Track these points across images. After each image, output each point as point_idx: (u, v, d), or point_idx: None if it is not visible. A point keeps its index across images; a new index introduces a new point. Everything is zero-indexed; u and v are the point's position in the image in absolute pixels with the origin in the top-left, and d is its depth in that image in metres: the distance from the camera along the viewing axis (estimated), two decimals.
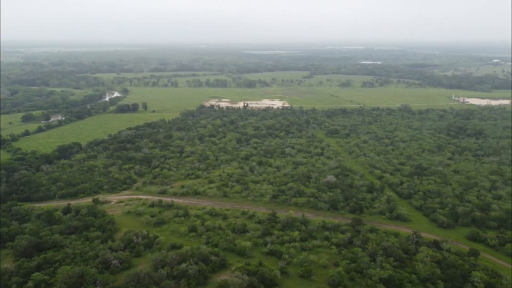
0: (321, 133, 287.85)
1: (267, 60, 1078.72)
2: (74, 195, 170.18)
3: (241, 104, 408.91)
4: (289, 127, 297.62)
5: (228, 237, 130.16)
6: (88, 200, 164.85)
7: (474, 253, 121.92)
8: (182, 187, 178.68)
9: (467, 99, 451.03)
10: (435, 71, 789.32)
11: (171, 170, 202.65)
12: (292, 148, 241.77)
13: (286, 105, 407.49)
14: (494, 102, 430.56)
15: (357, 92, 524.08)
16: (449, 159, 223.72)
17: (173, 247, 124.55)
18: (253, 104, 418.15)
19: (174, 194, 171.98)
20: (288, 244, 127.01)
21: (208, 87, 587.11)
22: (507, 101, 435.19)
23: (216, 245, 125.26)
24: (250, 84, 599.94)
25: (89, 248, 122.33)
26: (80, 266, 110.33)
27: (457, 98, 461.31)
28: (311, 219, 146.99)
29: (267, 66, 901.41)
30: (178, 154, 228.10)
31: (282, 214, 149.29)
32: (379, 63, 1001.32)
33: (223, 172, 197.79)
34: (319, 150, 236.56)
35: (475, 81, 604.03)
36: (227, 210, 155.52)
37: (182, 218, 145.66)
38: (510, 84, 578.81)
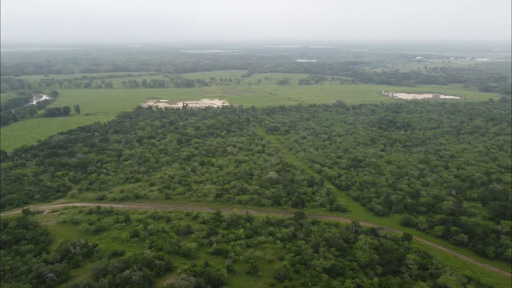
0: (261, 131, 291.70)
1: (205, 60, 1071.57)
2: (0, 207, 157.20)
3: (180, 105, 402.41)
4: (230, 126, 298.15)
5: (172, 239, 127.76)
6: (17, 212, 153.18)
7: (408, 237, 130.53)
8: (122, 191, 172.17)
9: (395, 94, 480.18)
10: (366, 68, 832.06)
11: (108, 174, 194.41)
12: (234, 146, 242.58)
13: (226, 104, 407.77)
14: (419, 96, 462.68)
15: (294, 89, 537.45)
16: (382, 150, 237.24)
17: (115, 254, 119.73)
18: (192, 104, 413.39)
19: (114, 200, 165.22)
20: (233, 242, 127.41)
21: (145, 88, 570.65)
22: (430, 95, 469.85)
23: (160, 249, 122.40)
24: (189, 84, 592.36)
25: (20, 263, 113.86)
26: (11, 283, 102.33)
27: (386, 93, 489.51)
28: (255, 215, 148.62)
29: (205, 65, 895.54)
30: (116, 158, 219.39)
31: (227, 212, 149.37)
32: (314, 61, 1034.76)
33: (165, 174, 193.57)
34: (260, 148, 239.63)
35: (402, 77, 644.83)
36: (170, 212, 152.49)
37: (123, 224, 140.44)
38: (432, 79, 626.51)
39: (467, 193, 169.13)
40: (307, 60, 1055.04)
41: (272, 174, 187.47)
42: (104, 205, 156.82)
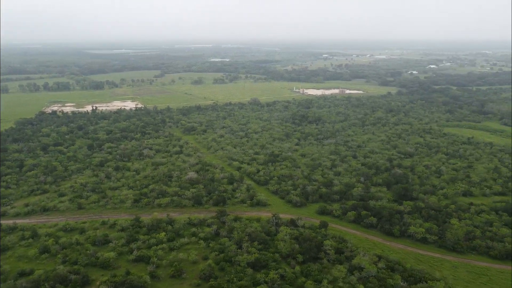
0: (178, 131, 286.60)
1: (113, 60, 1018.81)
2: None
3: (89, 108, 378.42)
4: (144, 128, 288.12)
5: (88, 251, 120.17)
6: None
7: (324, 225, 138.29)
8: (26, 205, 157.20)
9: (306, 91, 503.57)
10: (277, 67, 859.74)
11: (9, 187, 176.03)
12: (150, 148, 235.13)
13: (140, 106, 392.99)
14: (327, 92, 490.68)
15: (209, 89, 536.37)
16: (296, 144, 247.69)
17: (22, 274, 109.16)
18: (103, 107, 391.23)
19: (17, 215, 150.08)
20: (155, 246, 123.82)
21: (48, 92, 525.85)
22: (337, 90, 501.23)
23: (75, 263, 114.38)
24: (98, 86, 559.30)
25: None
26: None
27: (297, 90, 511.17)
28: (177, 217, 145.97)
29: (114, 66, 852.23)
30: (18, 169, 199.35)
31: (146, 217, 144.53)
32: (227, 60, 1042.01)
33: (75, 183, 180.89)
34: (178, 148, 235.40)
35: (311, 74, 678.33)
36: (84, 222, 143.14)
37: (30, 240, 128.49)
38: (338, 75, 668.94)
39: (374, 179, 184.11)
40: (220, 59, 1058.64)
41: (192, 174, 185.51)
42: (6, 222, 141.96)
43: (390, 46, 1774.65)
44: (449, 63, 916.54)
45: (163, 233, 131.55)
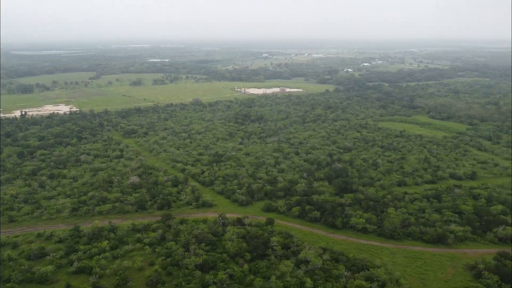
0: (117, 135, 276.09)
1: (43, 62, 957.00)
2: None
3: (17, 113, 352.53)
4: (81, 132, 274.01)
5: (22, 266, 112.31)
6: None
7: (270, 222, 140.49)
8: None
9: (247, 90, 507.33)
10: (218, 66, 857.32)
11: None
12: (88, 154, 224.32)
13: (74, 109, 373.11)
14: (268, 91, 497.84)
15: (149, 90, 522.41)
16: (240, 143, 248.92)
17: None
18: (33, 112, 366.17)
19: None
20: (97, 256, 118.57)
21: None
22: (277, 89, 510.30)
23: (8, 280, 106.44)
24: (26, 89, 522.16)
25: None
26: None
27: (239, 89, 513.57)
28: (120, 224, 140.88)
29: (45, 68, 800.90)
30: None
31: (87, 226, 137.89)
32: (167, 60, 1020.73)
33: (5, 194, 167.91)
34: (118, 153, 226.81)
35: (252, 73, 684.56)
36: (17, 236, 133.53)
37: None
38: (278, 74, 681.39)
39: (316, 174, 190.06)
40: (159, 60, 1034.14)
41: (134, 179, 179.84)
42: None
43: (326, 46, 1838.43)
44: (381, 61, 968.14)
45: (106, 241, 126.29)
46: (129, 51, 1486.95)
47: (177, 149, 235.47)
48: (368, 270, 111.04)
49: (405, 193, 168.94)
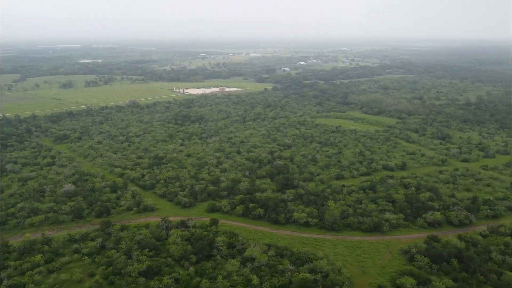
0: (48, 141, 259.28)
1: None
2: None
3: None
4: (6, 140, 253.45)
5: None
6: None
7: (214, 222, 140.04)
8: None
9: (186, 90, 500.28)
10: (155, 67, 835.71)
11: None
12: (15, 163, 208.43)
13: None
14: (207, 91, 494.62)
15: (81, 92, 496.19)
16: (181, 145, 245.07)
17: None
18: None
19: None
20: (31, 271, 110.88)
21: None
22: (216, 89, 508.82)
23: None
24: None
25: None
26: None
27: (178, 90, 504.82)
28: (54, 235, 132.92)
29: None
30: None
31: (16, 240, 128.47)
32: (99, 61, 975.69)
33: None
34: (49, 160, 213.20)
35: (190, 73, 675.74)
36: None
37: None
38: (217, 74, 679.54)
39: (258, 172, 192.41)
40: (91, 60, 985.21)
41: (68, 187, 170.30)
42: None
43: (263, 45, 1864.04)
44: (315, 60, 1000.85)
45: (39, 255, 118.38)
46: (57, 51, 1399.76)
47: (115, 153, 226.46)
48: (312, 262, 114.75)
49: (343, 185, 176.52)
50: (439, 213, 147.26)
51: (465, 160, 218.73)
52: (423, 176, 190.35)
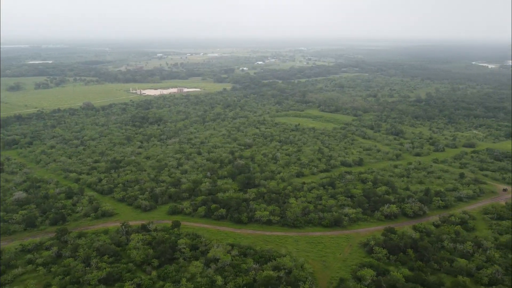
0: None
1: None
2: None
3: None
4: None
5: None
6: None
7: (176, 225, 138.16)
8: None
9: (143, 91, 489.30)
10: (110, 67, 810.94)
11: None
12: None
13: None
14: (165, 92, 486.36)
15: (31, 95, 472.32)
16: (139, 147, 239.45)
17: None
18: None
19: None
20: None
21: None
22: (175, 90, 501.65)
23: None
24: None
25: None
26: None
27: (134, 91, 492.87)
28: (6, 246, 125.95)
29: None
30: None
31: None
32: (50, 62, 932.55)
33: None
34: None
35: (147, 74, 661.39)
36: None
37: None
38: (175, 74, 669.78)
39: (219, 172, 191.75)
40: (41, 62, 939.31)
41: (19, 194, 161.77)
42: None
43: (220, 45, 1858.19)
44: (273, 60, 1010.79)
45: None
46: (3, 52, 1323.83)
47: (69, 158, 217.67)
48: (275, 260, 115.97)
49: (304, 183, 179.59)
50: (395, 205, 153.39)
51: (417, 154, 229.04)
52: (379, 171, 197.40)
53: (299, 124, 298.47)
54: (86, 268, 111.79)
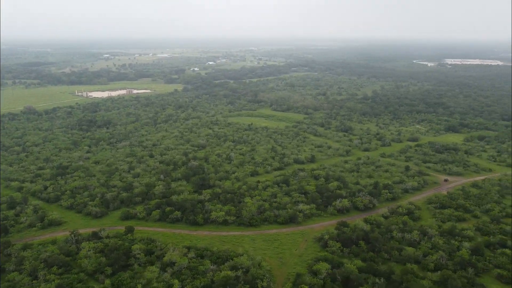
0: None
1: None
2: None
3: None
4: None
5: None
6: None
7: (130, 230, 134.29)
8: None
9: (90, 94, 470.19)
10: (53, 69, 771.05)
11: None
12: None
13: None
14: (114, 93, 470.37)
15: None
16: (88, 152, 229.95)
17: None
18: None
19: None
20: None
21: None
22: (124, 91, 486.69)
23: None
24: None
25: None
26: None
27: (80, 93, 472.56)
28: None
29: None
30: None
31: None
32: None
33: None
34: None
35: (93, 75, 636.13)
36: None
37: None
38: (123, 75, 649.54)
39: (173, 174, 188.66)
40: None
41: None
42: None
43: (170, 45, 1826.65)
44: (224, 60, 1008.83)
45: None
46: None
47: (10, 166, 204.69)
48: (232, 260, 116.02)
49: (258, 181, 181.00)
50: (346, 200, 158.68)
51: (366, 149, 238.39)
52: (330, 167, 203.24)
53: (252, 123, 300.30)
54: (33, 281, 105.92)
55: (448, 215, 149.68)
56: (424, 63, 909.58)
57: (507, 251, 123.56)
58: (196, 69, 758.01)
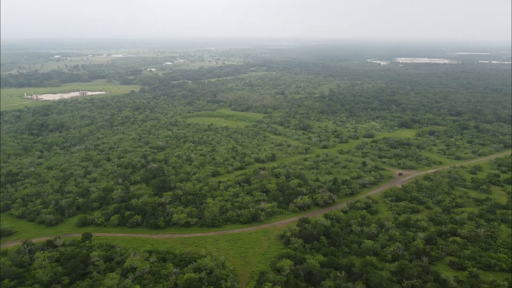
0: None
1: None
2: None
3: None
4: None
5: None
6: None
7: (87, 237, 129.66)
8: None
9: (40, 96, 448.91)
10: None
11: None
12: None
13: None
14: (66, 96, 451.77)
15: None
16: (39, 157, 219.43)
17: None
18: None
19: None
20: None
21: None
22: (77, 93, 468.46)
23: None
24: None
25: None
26: None
27: (30, 96, 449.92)
28: None
29: None
30: None
31: None
32: None
33: None
34: None
35: (43, 77, 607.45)
36: None
37: None
38: (76, 77, 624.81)
39: (132, 178, 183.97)
40: None
41: None
42: None
43: (125, 45, 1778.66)
44: (182, 60, 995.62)
45: None
46: None
47: None
48: (196, 262, 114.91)
49: (220, 182, 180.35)
50: (307, 196, 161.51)
51: (324, 147, 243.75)
52: (291, 165, 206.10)
53: (212, 124, 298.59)
54: None
55: (403, 207, 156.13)
56: (377, 62, 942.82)
57: (458, 239, 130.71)
58: (153, 69, 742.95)
